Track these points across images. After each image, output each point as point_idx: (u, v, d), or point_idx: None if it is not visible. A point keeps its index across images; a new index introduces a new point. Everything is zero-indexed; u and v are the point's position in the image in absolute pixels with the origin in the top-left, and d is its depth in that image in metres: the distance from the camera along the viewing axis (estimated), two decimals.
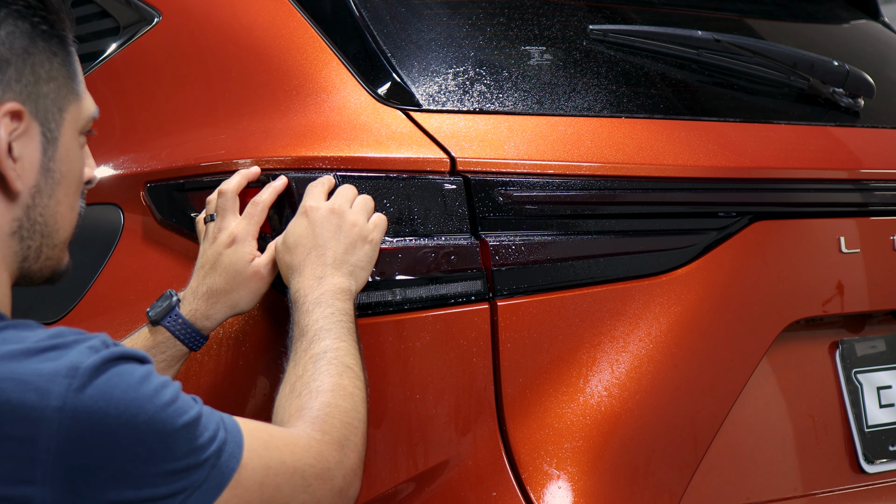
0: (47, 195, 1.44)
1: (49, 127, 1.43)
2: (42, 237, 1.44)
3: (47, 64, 1.43)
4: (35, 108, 1.41)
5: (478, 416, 1.76)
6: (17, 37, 1.40)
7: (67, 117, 1.46)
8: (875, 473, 2.08)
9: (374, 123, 1.82)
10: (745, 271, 1.95)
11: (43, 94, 1.42)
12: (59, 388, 1.28)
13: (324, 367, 1.59)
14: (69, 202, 1.47)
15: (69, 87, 1.46)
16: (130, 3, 2.12)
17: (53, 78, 1.43)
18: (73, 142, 1.47)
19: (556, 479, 1.75)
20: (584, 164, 1.86)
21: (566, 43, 2.05)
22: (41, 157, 1.42)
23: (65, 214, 1.47)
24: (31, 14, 1.41)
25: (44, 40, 1.43)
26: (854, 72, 2.21)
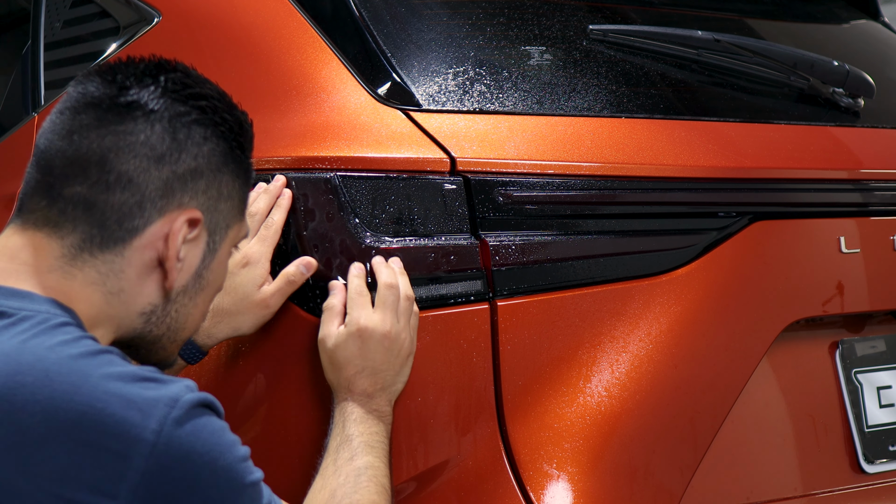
0: (189, 297, 1.54)
1: (214, 238, 1.54)
2: (168, 330, 1.54)
3: (230, 185, 1.54)
4: (210, 219, 1.52)
5: (478, 416, 1.76)
6: (215, 154, 1.51)
7: (230, 234, 1.57)
8: (875, 473, 2.08)
9: (374, 123, 1.82)
10: (745, 271, 1.95)
11: (219, 209, 1.53)
12: (159, 413, 1.35)
13: (364, 482, 1.64)
14: (204, 308, 1.58)
15: (239, 209, 1.57)
16: (130, 3, 2.12)
17: (231, 198, 1.54)
18: (226, 255, 1.58)
19: (556, 479, 1.75)
20: (584, 164, 1.86)
21: (566, 43, 2.05)
22: (199, 263, 1.53)
23: (196, 318, 1.57)
24: (232, 138, 1.53)
25: (235, 163, 1.54)
26: (854, 72, 2.21)
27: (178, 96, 1.50)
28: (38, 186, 1.49)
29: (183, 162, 1.49)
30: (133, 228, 1.47)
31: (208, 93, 1.53)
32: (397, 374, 1.73)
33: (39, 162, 1.50)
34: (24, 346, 1.36)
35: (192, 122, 1.50)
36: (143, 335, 1.53)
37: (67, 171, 1.47)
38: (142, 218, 1.47)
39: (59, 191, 1.47)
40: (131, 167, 1.46)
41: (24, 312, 1.41)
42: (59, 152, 1.47)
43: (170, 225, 1.48)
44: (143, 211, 1.47)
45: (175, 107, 1.49)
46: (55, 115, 1.50)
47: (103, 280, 1.47)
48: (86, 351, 1.38)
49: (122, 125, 1.46)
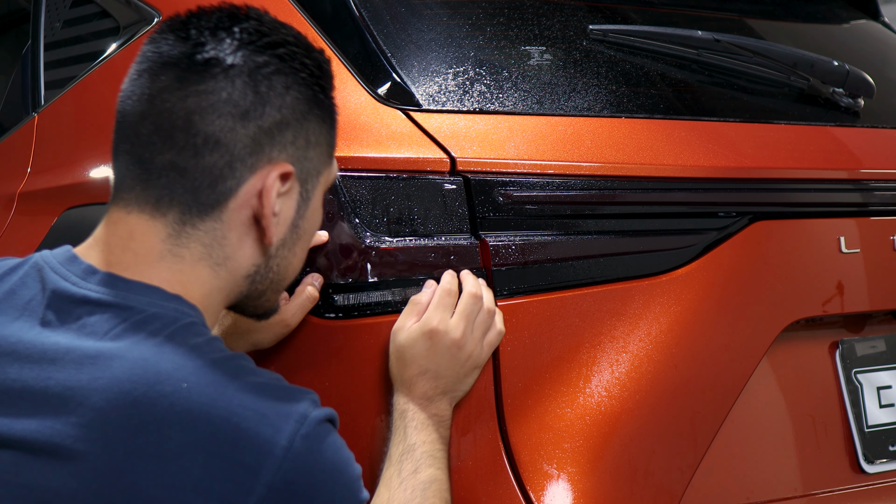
0: (288, 248, 1.54)
1: (306, 188, 1.53)
2: (271, 283, 1.55)
3: (318, 130, 1.52)
4: (301, 169, 1.51)
5: (478, 416, 1.76)
6: (299, 102, 1.49)
7: (322, 179, 1.56)
8: (875, 473, 2.08)
9: (374, 123, 1.82)
10: (745, 271, 1.95)
11: (309, 157, 1.52)
12: (289, 428, 1.38)
13: (430, 497, 1.64)
14: (302, 255, 1.58)
15: (328, 153, 1.56)
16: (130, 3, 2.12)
17: (319, 144, 1.53)
18: (320, 200, 1.57)
19: (556, 479, 1.75)
20: (584, 164, 1.86)
21: (566, 43, 2.05)
22: (294, 214, 1.52)
23: (296, 265, 1.58)
24: (314, 83, 1.51)
25: (319, 108, 1.52)
26: (854, 72, 2.21)
27: (255, 47, 1.47)
28: (129, 159, 1.47)
29: (268, 115, 1.46)
30: (227, 190, 1.46)
31: (284, 38, 1.50)
32: (459, 382, 1.72)
33: (125, 130, 1.48)
34: (161, 351, 1.37)
35: (273, 72, 1.47)
36: (249, 294, 1.54)
37: (154, 139, 1.45)
38: (234, 178, 1.46)
39: (151, 160, 1.45)
40: (217, 127, 1.44)
41: (153, 309, 1.41)
42: (143, 118, 1.46)
43: (262, 181, 1.47)
44: (234, 171, 1.45)
45: (253, 58, 1.46)
46: (133, 79, 1.48)
47: (209, 252, 1.47)
48: (219, 357, 1.40)
49: (203, 84, 1.44)
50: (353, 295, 1.74)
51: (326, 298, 1.74)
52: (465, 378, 1.72)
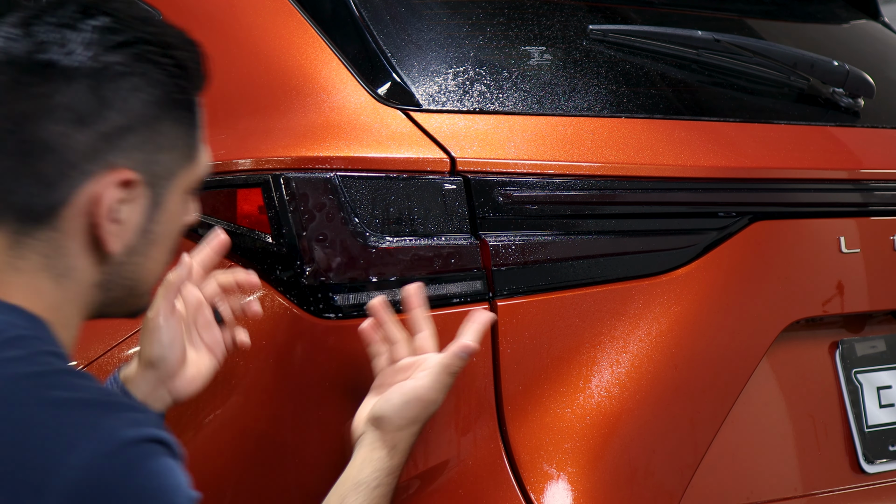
0: (140, 254, 1.43)
1: (157, 192, 1.42)
2: (127, 290, 1.45)
3: (171, 133, 1.42)
4: (149, 174, 1.41)
5: (478, 416, 1.76)
6: (148, 105, 1.39)
7: (177, 182, 1.45)
8: (875, 473, 2.08)
9: (374, 123, 1.82)
10: (745, 271, 1.95)
11: (160, 161, 1.42)
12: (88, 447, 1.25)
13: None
14: (161, 258, 1.47)
15: (185, 154, 1.45)
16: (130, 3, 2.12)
17: (175, 147, 1.43)
18: (178, 203, 1.46)
19: (555, 479, 1.75)
20: (584, 164, 1.86)
21: (566, 43, 2.05)
22: (143, 220, 1.42)
23: (154, 270, 1.47)
24: (170, 83, 1.41)
25: (176, 109, 1.42)
26: (854, 72, 2.21)
27: (102, 48, 1.36)
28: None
29: (109, 120, 1.36)
30: (60, 198, 1.36)
31: (138, 37, 1.39)
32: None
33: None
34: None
35: (119, 74, 1.36)
36: (106, 301, 1.44)
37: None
38: (67, 186, 1.36)
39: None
40: (49, 133, 1.35)
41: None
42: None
43: (97, 188, 1.36)
44: (66, 178, 1.35)
45: (99, 59, 1.36)
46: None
47: (50, 263, 1.38)
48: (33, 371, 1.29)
49: (40, 87, 1.35)
50: (353, 295, 1.74)
51: (326, 298, 1.74)
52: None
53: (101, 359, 1.85)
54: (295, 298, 1.76)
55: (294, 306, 1.75)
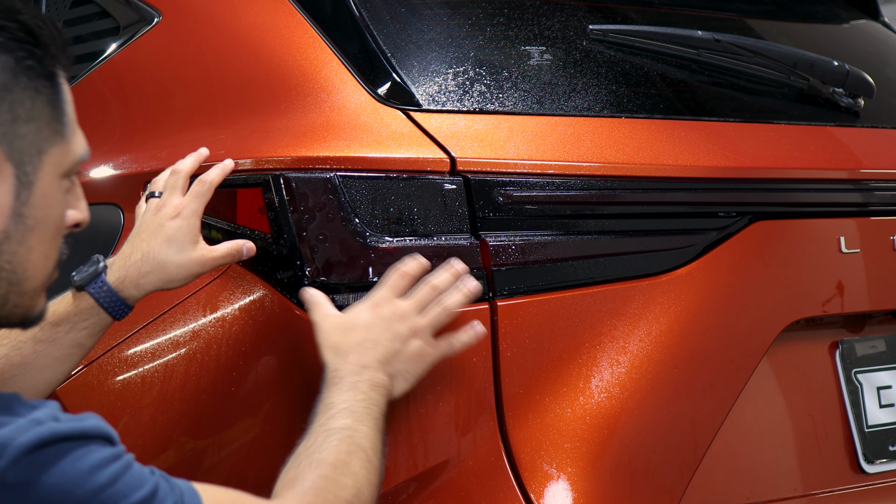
0: (17, 241, 1.32)
1: (24, 170, 1.32)
2: (9, 284, 1.33)
3: (28, 102, 1.32)
4: (10, 148, 1.31)
5: (478, 416, 1.76)
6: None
7: (48, 160, 1.34)
8: (875, 473, 2.08)
9: (374, 123, 1.82)
10: (745, 271, 1.95)
11: (20, 134, 1.31)
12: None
13: (334, 442, 1.53)
14: (43, 250, 1.36)
15: (52, 129, 1.35)
16: (130, 3, 2.12)
17: (34, 118, 1.33)
18: (53, 186, 1.36)
19: (555, 479, 1.75)
20: (584, 164, 1.86)
21: (566, 43, 2.05)
22: (13, 201, 1.31)
23: (37, 262, 1.35)
24: (17, 48, 1.31)
25: (28, 77, 1.32)
26: (854, 72, 2.21)
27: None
28: None
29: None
30: None
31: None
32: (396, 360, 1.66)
33: None
34: None
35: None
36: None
37: None
38: None
39: None
40: None
41: None
42: None
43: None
44: None
45: None
46: None
47: None
48: None
49: None
50: (354, 295, 1.74)
51: None
52: (406, 359, 1.67)
53: (101, 359, 1.85)
54: (295, 298, 1.76)
55: (294, 306, 1.76)
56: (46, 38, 1.34)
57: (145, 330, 1.84)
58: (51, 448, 1.23)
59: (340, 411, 1.57)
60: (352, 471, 1.52)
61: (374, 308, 1.68)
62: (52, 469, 1.23)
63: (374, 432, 1.58)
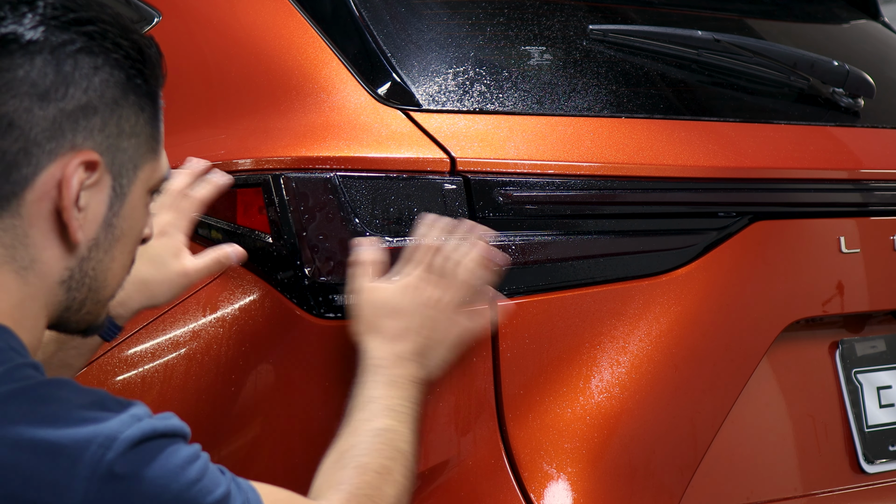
0: (104, 250, 1.38)
1: (120, 182, 1.38)
2: (89, 291, 1.39)
3: (133, 118, 1.38)
4: (112, 160, 1.37)
5: (478, 416, 1.76)
6: (110, 86, 1.35)
7: (141, 175, 1.40)
8: (875, 473, 2.08)
9: (374, 123, 1.82)
10: (745, 271, 1.95)
11: (122, 148, 1.37)
12: (90, 457, 1.24)
13: (378, 445, 1.56)
14: (123, 260, 1.42)
15: (149, 146, 1.41)
16: (130, 3, 2.12)
17: (136, 134, 1.39)
18: (141, 200, 1.42)
19: (555, 479, 1.75)
20: (584, 164, 1.86)
21: (566, 43, 2.05)
22: (106, 211, 1.37)
23: (116, 272, 1.42)
24: (129, 66, 1.37)
25: (136, 94, 1.38)
26: (854, 72, 2.21)
27: (59, 23, 1.32)
28: None
29: (71, 97, 1.32)
30: (23, 179, 1.31)
31: (96, 16, 1.35)
32: (438, 349, 1.68)
33: None
34: None
35: (79, 50, 1.33)
36: (69, 305, 1.39)
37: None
38: (30, 166, 1.31)
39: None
40: (11, 108, 1.30)
41: None
42: None
43: (62, 169, 1.32)
44: (29, 157, 1.31)
45: (57, 35, 1.32)
46: None
47: (12, 254, 1.33)
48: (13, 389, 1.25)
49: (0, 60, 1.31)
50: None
51: (327, 298, 1.74)
52: (443, 344, 1.69)
53: (101, 359, 1.85)
54: (295, 298, 1.76)
55: (294, 306, 1.76)
56: (153, 58, 1.40)
57: (145, 330, 1.84)
58: (151, 443, 1.29)
59: (383, 409, 1.60)
60: (394, 478, 1.56)
61: (415, 292, 1.68)
62: (153, 463, 1.28)
63: (413, 435, 1.61)
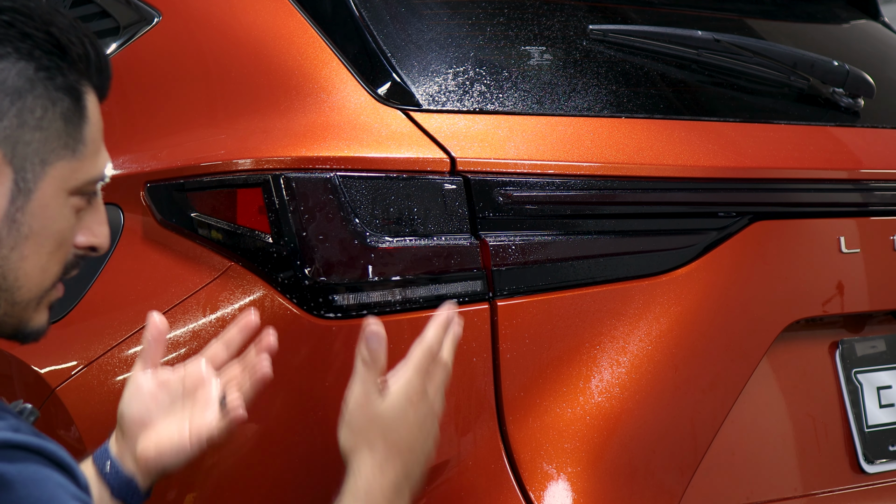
0: (9, 247, 1.33)
1: (24, 176, 1.32)
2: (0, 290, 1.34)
3: (40, 111, 1.33)
4: (12, 153, 1.32)
5: (478, 416, 1.76)
6: (11, 75, 1.31)
7: (52, 172, 1.35)
8: (875, 473, 2.08)
9: (374, 123, 1.82)
10: (745, 271, 1.95)
11: (25, 140, 1.32)
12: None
13: None
14: (39, 262, 1.35)
15: (63, 142, 1.35)
16: (130, 3, 2.12)
17: (43, 128, 1.33)
18: (57, 199, 1.36)
19: (556, 479, 1.75)
20: (584, 164, 1.86)
21: (566, 43, 2.05)
22: (7, 205, 1.32)
23: (30, 272, 1.35)
24: (41, 56, 1.33)
25: (45, 87, 1.33)
26: (854, 72, 2.21)
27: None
28: None
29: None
30: None
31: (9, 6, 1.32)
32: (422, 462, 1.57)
33: None
34: None
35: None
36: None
37: None
38: None
39: None
40: None
41: None
42: None
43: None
44: None
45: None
46: None
47: None
48: None
49: None
50: (353, 295, 1.74)
51: (327, 298, 1.74)
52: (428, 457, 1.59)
53: (101, 359, 1.85)
54: (295, 298, 1.76)
55: (294, 306, 1.76)
56: (76, 53, 1.35)
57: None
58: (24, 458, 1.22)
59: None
60: None
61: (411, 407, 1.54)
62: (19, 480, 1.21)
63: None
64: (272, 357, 1.67)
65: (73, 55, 1.35)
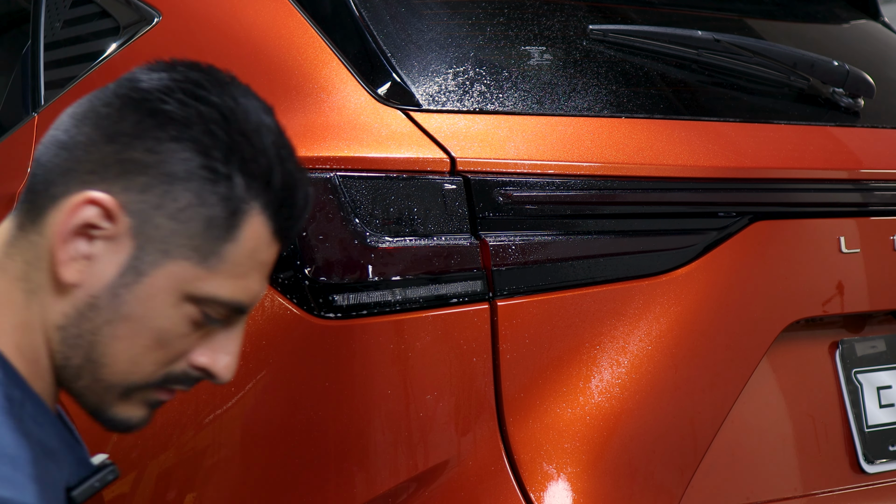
0: (105, 319, 1.29)
1: (141, 258, 1.28)
2: (86, 360, 1.30)
3: (185, 204, 1.28)
4: (139, 229, 1.28)
5: (478, 416, 1.76)
6: (178, 162, 1.27)
7: (171, 266, 1.28)
8: (875, 473, 2.08)
9: (374, 123, 1.82)
10: (745, 271, 1.95)
11: (155, 224, 1.28)
12: None
13: None
14: (131, 350, 1.30)
15: (194, 245, 1.29)
16: (130, 3, 2.12)
17: (179, 220, 1.28)
18: (165, 295, 1.29)
19: (555, 479, 1.75)
20: (584, 164, 1.86)
21: (566, 43, 2.05)
22: (116, 276, 1.28)
23: (117, 356, 1.30)
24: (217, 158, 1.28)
25: (201, 185, 1.28)
26: (854, 72, 2.21)
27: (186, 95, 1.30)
28: None
29: (133, 149, 1.27)
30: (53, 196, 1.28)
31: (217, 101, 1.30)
32: None
33: None
34: None
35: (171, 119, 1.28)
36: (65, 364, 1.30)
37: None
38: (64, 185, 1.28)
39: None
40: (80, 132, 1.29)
41: None
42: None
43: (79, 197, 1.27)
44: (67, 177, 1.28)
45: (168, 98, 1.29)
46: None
47: (26, 273, 1.28)
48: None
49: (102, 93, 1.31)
50: (353, 295, 1.74)
51: (327, 298, 1.74)
52: None
53: None
54: (295, 299, 1.76)
55: (294, 306, 1.76)
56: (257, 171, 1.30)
57: None
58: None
59: None
60: None
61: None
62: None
63: None
64: (272, 357, 1.67)
65: (252, 172, 1.30)
